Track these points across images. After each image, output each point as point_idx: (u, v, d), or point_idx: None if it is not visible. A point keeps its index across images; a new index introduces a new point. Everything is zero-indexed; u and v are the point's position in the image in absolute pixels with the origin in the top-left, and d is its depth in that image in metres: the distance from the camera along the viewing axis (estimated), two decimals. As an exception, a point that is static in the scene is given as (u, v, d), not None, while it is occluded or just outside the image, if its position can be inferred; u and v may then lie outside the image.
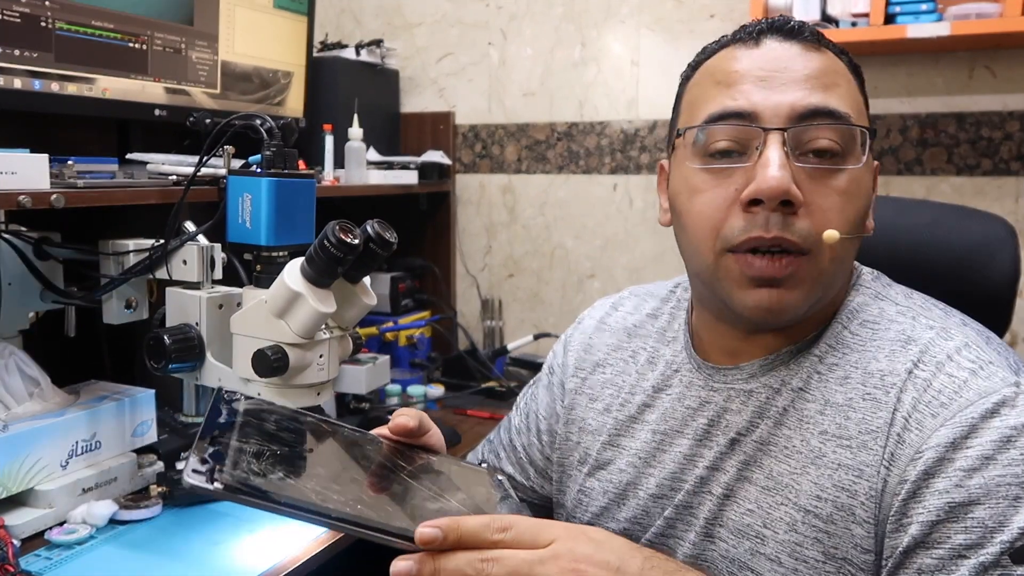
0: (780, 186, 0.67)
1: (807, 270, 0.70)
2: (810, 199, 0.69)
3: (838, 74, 0.73)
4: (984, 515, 0.61)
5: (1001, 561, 0.60)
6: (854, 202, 0.71)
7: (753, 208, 0.69)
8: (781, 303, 0.70)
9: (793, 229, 0.68)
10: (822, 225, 0.69)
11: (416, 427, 0.76)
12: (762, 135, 0.69)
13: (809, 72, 0.71)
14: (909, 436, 0.66)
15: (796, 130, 0.69)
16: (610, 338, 0.93)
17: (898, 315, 0.74)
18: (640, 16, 1.87)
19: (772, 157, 0.68)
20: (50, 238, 1.20)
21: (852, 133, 0.71)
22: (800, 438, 0.72)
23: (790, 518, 0.70)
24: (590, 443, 0.89)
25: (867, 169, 0.73)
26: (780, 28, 0.74)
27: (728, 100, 0.72)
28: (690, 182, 0.74)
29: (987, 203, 1.62)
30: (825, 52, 0.74)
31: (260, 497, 0.58)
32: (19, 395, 1.11)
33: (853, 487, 0.68)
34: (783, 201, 0.68)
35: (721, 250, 0.71)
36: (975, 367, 0.67)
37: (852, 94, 0.74)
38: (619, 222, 1.93)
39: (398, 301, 1.91)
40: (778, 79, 0.71)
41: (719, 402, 0.78)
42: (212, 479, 0.57)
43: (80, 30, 1.25)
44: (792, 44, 0.73)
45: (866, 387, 0.70)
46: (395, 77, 2.08)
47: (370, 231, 1.03)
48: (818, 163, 0.70)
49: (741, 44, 0.75)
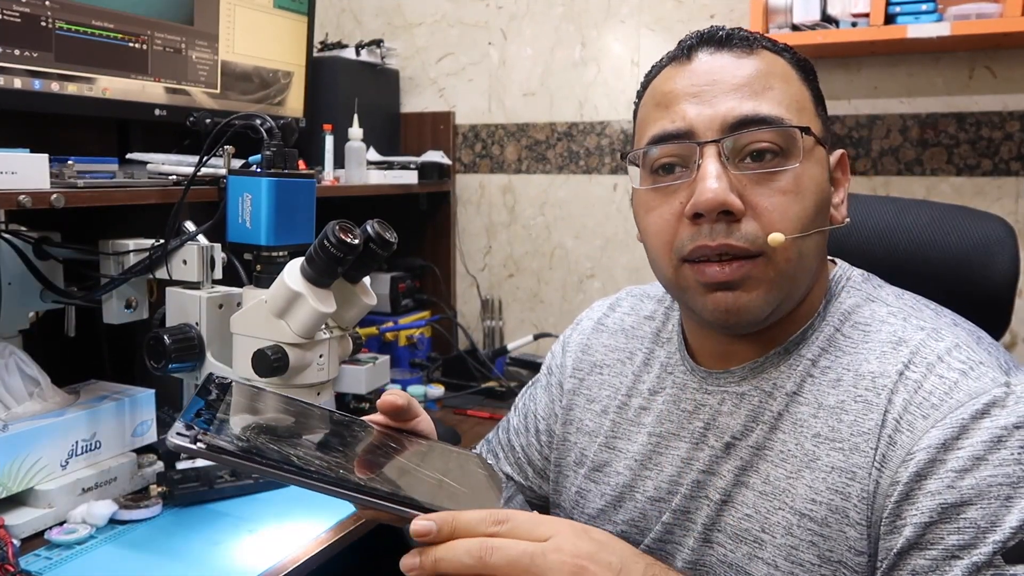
0: (716, 198, 0.69)
1: (761, 272, 0.71)
2: (754, 202, 0.70)
3: (772, 76, 0.74)
4: (976, 515, 0.61)
5: (994, 561, 0.60)
6: (799, 201, 0.71)
7: (698, 220, 0.71)
8: (738, 305, 0.72)
9: (738, 235, 0.70)
10: (768, 227, 0.70)
11: (405, 406, 0.75)
12: (697, 149, 0.72)
13: (739, 81, 0.72)
14: (900, 438, 0.66)
15: (731, 139, 0.71)
16: (608, 339, 0.93)
17: (889, 316, 0.75)
18: (640, 16, 1.87)
19: (708, 170, 0.70)
20: (50, 238, 1.20)
21: (788, 133, 0.71)
22: (795, 442, 0.72)
23: (786, 522, 0.71)
24: (587, 444, 0.89)
25: (815, 164, 0.73)
26: (710, 39, 0.76)
27: (666, 122, 0.74)
28: (643, 200, 0.77)
29: (987, 203, 1.62)
30: (759, 55, 0.75)
31: (244, 458, 0.58)
32: (19, 395, 1.11)
33: (846, 489, 0.68)
34: (723, 211, 0.70)
35: (678, 261, 0.74)
36: (965, 368, 0.67)
37: (790, 92, 0.74)
38: (619, 222, 1.93)
39: (398, 301, 1.91)
40: (708, 93, 0.73)
41: (713, 405, 0.79)
42: (196, 440, 0.57)
43: (80, 30, 1.25)
44: (722, 54, 0.74)
45: (857, 389, 0.71)
46: (395, 77, 2.08)
47: (370, 231, 1.03)
48: (757, 167, 0.71)
49: (676, 62, 0.77)
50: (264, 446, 0.62)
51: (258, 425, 0.68)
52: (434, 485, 0.68)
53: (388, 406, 0.75)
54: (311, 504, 1.14)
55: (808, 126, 0.72)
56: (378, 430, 0.76)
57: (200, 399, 0.66)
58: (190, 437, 0.58)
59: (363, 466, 0.67)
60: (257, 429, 0.67)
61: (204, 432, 0.59)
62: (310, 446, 0.67)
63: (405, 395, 0.75)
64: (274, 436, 0.66)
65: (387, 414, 0.75)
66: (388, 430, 0.76)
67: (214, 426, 0.62)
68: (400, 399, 0.74)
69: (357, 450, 0.72)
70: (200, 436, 0.58)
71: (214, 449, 0.58)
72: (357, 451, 0.71)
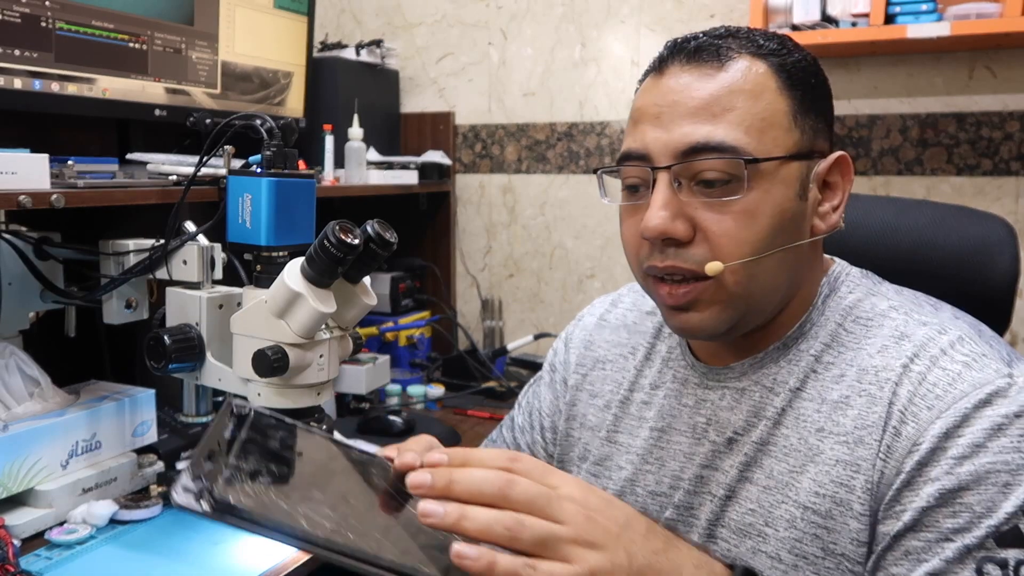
0: (658, 227, 0.71)
1: (711, 294, 0.72)
2: (706, 227, 0.71)
3: (736, 93, 0.71)
4: (973, 500, 0.62)
5: (986, 544, 0.61)
6: (751, 226, 0.70)
7: (648, 242, 0.74)
8: (692, 324, 0.74)
9: (686, 256, 0.72)
10: (715, 252, 0.71)
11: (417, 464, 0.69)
12: (651, 173, 0.73)
13: (697, 103, 0.71)
14: (905, 429, 0.67)
15: (681, 166, 0.71)
16: (610, 335, 0.94)
17: (891, 311, 0.75)
18: (640, 16, 1.87)
19: (655, 198, 0.72)
20: (50, 238, 1.20)
21: (737, 163, 0.70)
22: (798, 436, 0.73)
23: (790, 515, 0.71)
24: (590, 439, 0.90)
25: (778, 185, 0.71)
26: (682, 51, 0.75)
27: (631, 141, 0.76)
28: (620, 212, 0.80)
29: (987, 203, 1.62)
30: (730, 67, 0.72)
31: (249, 521, 0.57)
32: (19, 395, 1.11)
33: (851, 482, 0.69)
34: (667, 238, 0.71)
35: (643, 275, 0.77)
36: (969, 359, 0.68)
37: (755, 111, 0.71)
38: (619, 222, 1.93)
39: (398, 301, 1.91)
40: (668, 115, 0.72)
41: (714, 400, 0.80)
42: (199, 499, 0.57)
43: (80, 30, 1.25)
44: (691, 70, 0.73)
45: (861, 383, 0.71)
46: (395, 77, 2.08)
47: (370, 231, 1.03)
48: (708, 193, 0.71)
49: (652, 74, 0.77)
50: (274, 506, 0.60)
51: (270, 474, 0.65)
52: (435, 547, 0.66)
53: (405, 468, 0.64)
54: (311, 504, 1.14)
55: (765, 152, 0.70)
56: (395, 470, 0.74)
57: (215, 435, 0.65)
58: (195, 494, 0.56)
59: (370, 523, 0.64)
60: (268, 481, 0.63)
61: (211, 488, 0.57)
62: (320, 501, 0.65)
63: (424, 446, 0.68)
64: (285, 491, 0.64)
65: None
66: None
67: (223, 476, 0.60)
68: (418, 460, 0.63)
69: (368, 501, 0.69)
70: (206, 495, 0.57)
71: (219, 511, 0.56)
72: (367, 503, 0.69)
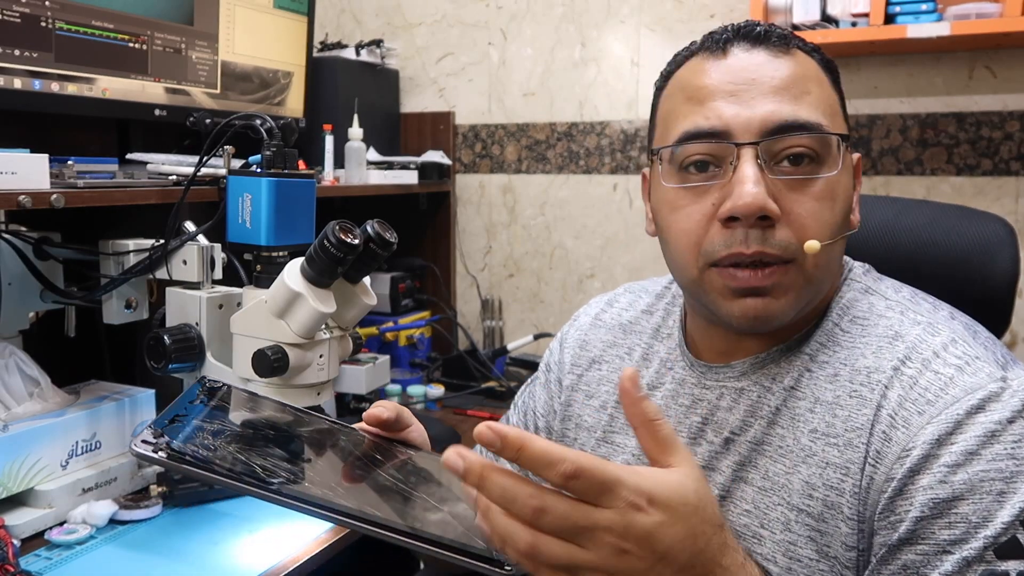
0: (756, 203, 0.68)
1: (792, 278, 0.70)
2: (788, 208, 0.70)
3: (808, 79, 0.73)
4: (968, 510, 0.61)
5: (985, 556, 0.60)
6: (833, 207, 0.71)
7: (732, 224, 0.70)
8: (768, 311, 0.71)
9: (772, 242, 0.69)
10: (802, 233, 0.69)
11: (392, 419, 0.73)
12: (735, 151, 0.70)
13: (778, 82, 0.71)
14: (896, 434, 0.66)
15: (768, 143, 0.70)
16: (606, 335, 0.93)
17: (887, 310, 0.75)
18: (640, 16, 1.87)
19: (746, 173, 0.69)
20: (50, 238, 1.20)
21: (826, 140, 0.71)
22: (792, 437, 0.72)
23: (784, 518, 0.71)
24: (585, 440, 0.89)
25: (846, 171, 0.73)
26: (747, 35, 0.74)
27: (700, 119, 0.72)
28: (669, 198, 0.75)
29: (987, 203, 1.62)
30: (794, 55, 0.74)
31: (203, 468, 0.56)
32: (19, 395, 1.11)
33: (841, 485, 0.68)
34: (760, 216, 0.69)
35: (704, 265, 0.72)
36: (961, 363, 0.67)
37: (824, 97, 0.73)
38: (619, 222, 1.93)
39: (398, 301, 1.91)
40: (747, 92, 0.71)
41: (711, 400, 0.79)
42: (157, 449, 0.56)
43: (80, 30, 1.25)
44: (759, 51, 0.73)
45: (853, 384, 0.71)
46: (395, 77, 2.08)
47: (370, 231, 1.03)
48: (794, 172, 0.70)
49: (709, 55, 0.75)
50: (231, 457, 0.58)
51: (233, 434, 0.65)
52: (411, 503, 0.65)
53: (373, 419, 0.72)
54: (311, 504, 1.14)
55: (845, 133, 0.72)
56: (369, 441, 0.74)
57: (182, 403, 0.65)
58: (153, 445, 0.55)
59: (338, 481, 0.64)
60: (232, 438, 0.63)
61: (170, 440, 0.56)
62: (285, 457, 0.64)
63: (393, 406, 0.73)
64: (248, 446, 0.63)
65: (373, 426, 0.73)
66: (378, 439, 0.75)
67: (184, 433, 0.60)
68: (386, 412, 0.72)
69: (337, 463, 0.69)
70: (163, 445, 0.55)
71: (173, 458, 0.55)
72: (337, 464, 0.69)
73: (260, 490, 0.56)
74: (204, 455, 0.57)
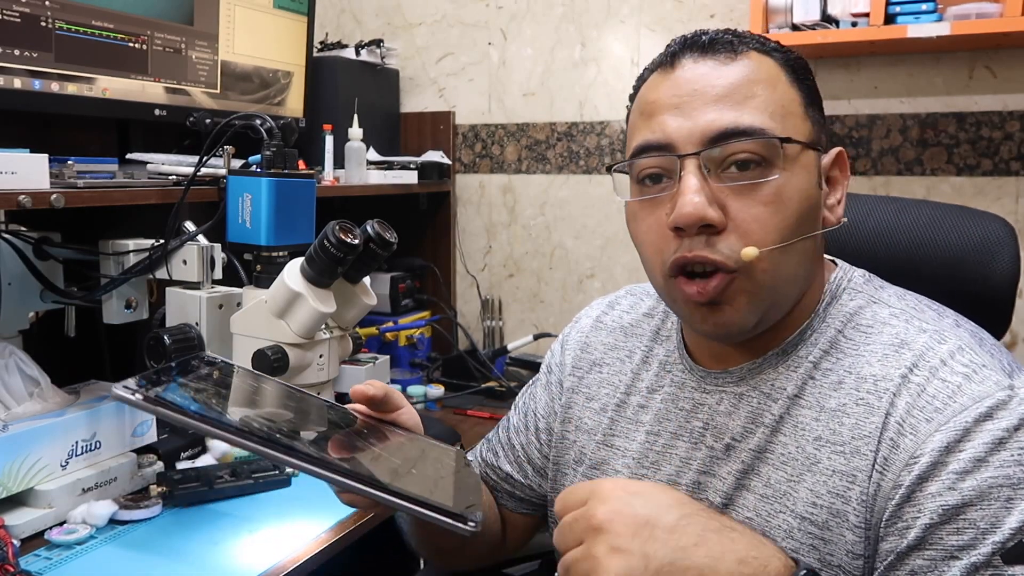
0: (695, 212, 0.69)
1: (740, 285, 0.71)
2: (735, 215, 0.70)
3: (755, 82, 0.72)
4: (976, 516, 0.61)
5: (992, 561, 0.60)
6: (780, 211, 0.71)
7: (679, 233, 0.71)
8: (723, 321, 0.72)
9: (717, 248, 0.70)
10: (746, 239, 0.70)
11: (378, 396, 0.74)
12: (678, 162, 0.71)
13: (720, 90, 0.71)
14: (904, 441, 0.66)
15: (710, 151, 0.70)
16: (607, 337, 0.93)
17: (892, 318, 0.74)
18: (640, 16, 1.87)
19: (687, 184, 0.70)
20: (50, 238, 1.20)
21: (769, 144, 0.70)
22: (796, 445, 0.72)
23: (787, 526, 0.70)
24: (586, 442, 0.89)
25: (800, 171, 0.72)
26: (694, 45, 0.75)
27: (648, 132, 0.74)
28: (632, 210, 0.77)
29: (987, 203, 1.62)
30: (744, 59, 0.73)
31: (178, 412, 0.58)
32: (19, 395, 1.11)
33: (847, 493, 0.68)
34: (704, 224, 0.69)
35: (667, 275, 0.74)
36: (969, 371, 0.67)
37: (774, 98, 0.73)
38: (619, 222, 1.93)
39: (398, 301, 1.91)
40: (689, 104, 0.72)
41: (711, 404, 0.79)
42: (134, 392, 0.57)
43: (80, 30, 1.25)
44: (706, 61, 0.73)
45: (859, 392, 0.71)
46: (395, 77, 2.08)
47: (370, 231, 1.03)
48: (739, 177, 0.71)
49: (661, 69, 0.76)
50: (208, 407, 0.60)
51: (218, 393, 0.67)
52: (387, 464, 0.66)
53: (359, 395, 0.74)
54: (311, 504, 1.14)
55: (789, 136, 0.71)
56: (360, 420, 0.75)
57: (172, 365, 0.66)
58: (132, 390, 0.57)
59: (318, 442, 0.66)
60: (212, 395, 0.65)
61: (150, 387, 0.58)
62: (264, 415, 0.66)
63: (381, 385, 0.75)
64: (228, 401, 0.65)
65: (361, 403, 0.75)
66: (369, 420, 0.75)
67: (165, 383, 0.61)
68: (372, 389, 0.74)
69: (321, 429, 0.70)
70: (143, 390, 0.57)
71: (150, 401, 0.57)
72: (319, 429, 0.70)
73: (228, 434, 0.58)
74: (180, 402, 0.59)
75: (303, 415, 0.73)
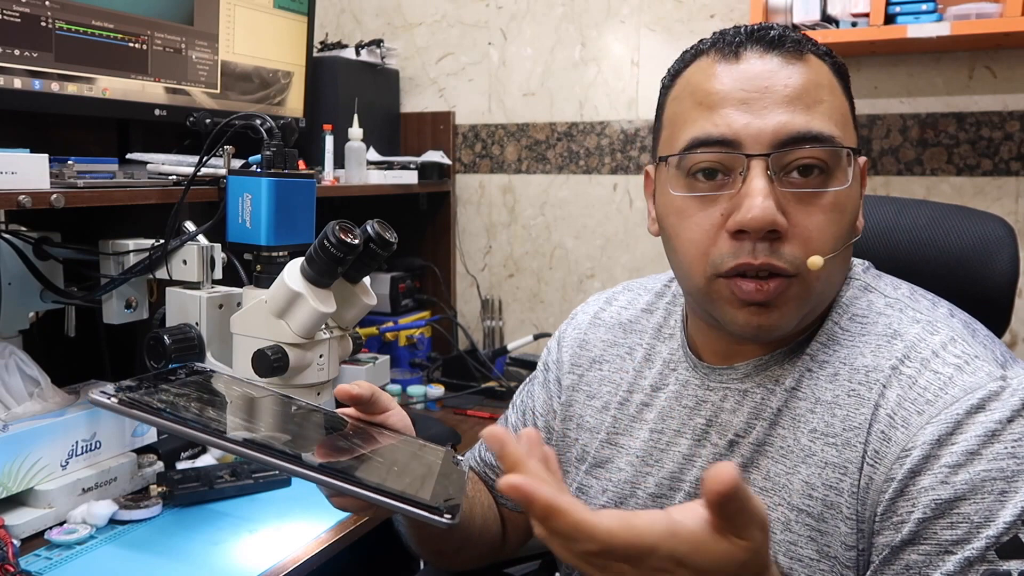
0: (765, 217, 0.67)
1: (796, 291, 0.70)
2: (796, 221, 0.69)
3: (821, 87, 0.71)
4: (970, 510, 0.61)
5: (987, 556, 0.60)
6: (840, 220, 0.70)
7: (740, 236, 0.69)
8: (770, 323, 0.71)
9: (780, 254, 0.69)
10: (807, 247, 0.69)
11: (364, 396, 0.73)
12: (745, 161, 0.69)
13: (791, 91, 0.70)
14: (895, 434, 0.66)
15: (779, 155, 0.69)
16: (605, 334, 0.93)
17: (886, 308, 0.74)
18: (640, 16, 1.87)
19: (756, 187, 0.67)
20: (50, 238, 1.20)
21: (836, 153, 0.70)
22: (793, 437, 0.73)
23: (785, 518, 0.71)
24: (588, 440, 0.89)
25: (855, 182, 0.72)
26: (761, 38, 0.72)
27: (709, 126, 0.70)
28: (676, 205, 0.74)
29: (987, 203, 1.62)
30: (808, 60, 0.72)
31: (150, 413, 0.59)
32: (19, 395, 1.11)
33: (839, 484, 0.68)
34: (769, 230, 0.68)
35: (712, 275, 0.71)
36: (961, 362, 0.67)
37: (836, 105, 0.72)
38: (619, 222, 1.93)
39: (398, 301, 1.91)
40: (759, 101, 0.69)
41: (715, 401, 0.79)
42: (110, 396, 0.58)
43: (80, 30, 1.25)
44: (772, 57, 0.71)
45: (852, 383, 0.71)
46: (395, 77, 2.08)
47: (370, 231, 1.03)
48: (803, 184, 0.69)
49: (720, 57, 0.73)
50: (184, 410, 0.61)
51: (199, 397, 0.67)
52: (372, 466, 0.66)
53: (344, 394, 0.73)
54: (311, 504, 1.14)
55: (856, 146, 0.71)
56: (349, 424, 0.74)
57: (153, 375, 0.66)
58: (108, 395, 0.58)
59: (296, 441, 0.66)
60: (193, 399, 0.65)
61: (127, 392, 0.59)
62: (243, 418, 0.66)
63: (368, 385, 0.74)
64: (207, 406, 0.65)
65: (347, 403, 0.74)
66: (358, 424, 0.75)
67: (144, 388, 0.61)
68: (357, 388, 0.73)
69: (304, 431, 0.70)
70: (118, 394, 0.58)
71: (125, 404, 0.58)
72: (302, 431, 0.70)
73: (201, 434, 0.58)
74: (156, 406, 0.60)
75: (285, 418, 0.72)
